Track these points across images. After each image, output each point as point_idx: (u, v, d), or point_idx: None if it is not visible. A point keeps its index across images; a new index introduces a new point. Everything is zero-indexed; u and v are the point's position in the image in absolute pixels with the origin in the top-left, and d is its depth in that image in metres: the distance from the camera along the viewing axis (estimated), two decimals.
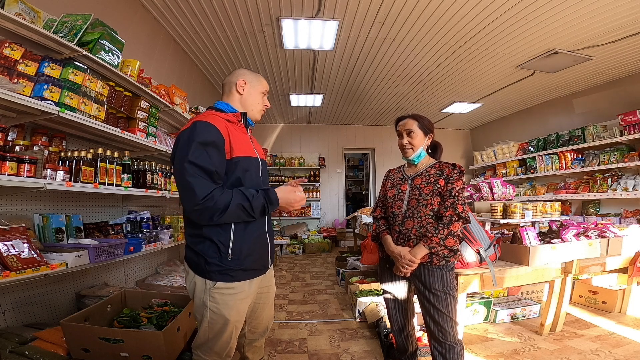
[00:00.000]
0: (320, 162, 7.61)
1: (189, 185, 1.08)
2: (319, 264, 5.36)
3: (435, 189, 1.59)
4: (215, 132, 1.15)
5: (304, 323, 2.73)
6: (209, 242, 1.18)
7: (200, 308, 1.22)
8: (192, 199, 1.08)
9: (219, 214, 1.10)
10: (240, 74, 1.37)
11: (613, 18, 3.15)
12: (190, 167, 1.09)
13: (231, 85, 1.35)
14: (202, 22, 3.38)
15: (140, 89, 2.28)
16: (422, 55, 4.09)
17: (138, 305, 2.01)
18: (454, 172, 1.62)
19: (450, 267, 1.61)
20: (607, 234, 2.58)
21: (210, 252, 1.18)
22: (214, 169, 1.12)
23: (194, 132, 1.13)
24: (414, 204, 1.62)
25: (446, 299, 1.56)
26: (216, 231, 1.17)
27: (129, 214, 2.60)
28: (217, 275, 1.18)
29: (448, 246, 1.54)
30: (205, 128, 1.15)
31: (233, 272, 1.20)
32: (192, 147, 1.11)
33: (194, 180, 1.08)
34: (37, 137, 1.78)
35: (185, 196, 1.10)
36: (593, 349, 2.15)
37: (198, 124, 1.16)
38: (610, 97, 4.80)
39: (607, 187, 4.39)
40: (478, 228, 2.05)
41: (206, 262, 1.17)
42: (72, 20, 1.76)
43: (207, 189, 1.09)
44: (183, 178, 1.09)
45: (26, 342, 1.53)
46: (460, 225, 1.58)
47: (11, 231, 1.51)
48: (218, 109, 1.32)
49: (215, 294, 1.18)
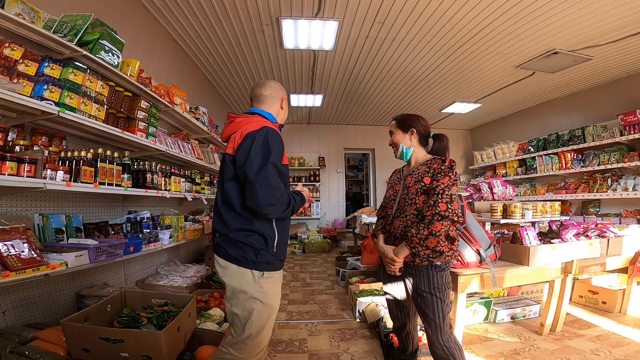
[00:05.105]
0: (320, 162, 7.61)
1: (272, 183, 1.23)
2: (319, 264, 5.36)
3: (420, 188, 1.56)
4: (281, 140, 1.36)
5: (304, 323, 2.73)
6: (258, 235, 1.30)
7: (247, 302, 1.29)
8: (273, 195, 1.23)
9: (284, 209, 1.28)
10: (281, 91, 1.55)
11: (613, 18, 3.15)
12: (272, 168, 1.26)
13: (275, 100, 1.52)
14: (202, 22, 3.38)
15: (140, 89, 2.28)
16: (422, 55, 4.09)
17: (138, 305, 2.01)
18: (441, 168, 1.54)
19: (438, 267, 1.52)
20: (607, 234, 2.58)
21: (260, 244, 1.30)
22: (284, 172, 1.34)
23: (271, 137, 1.30)
24: (402, 204, 1.62)
25: (432, 300, 1.51)
26: (265, 226, 1.32)
27: (129, 214, 2.60)
28: (265, 265, 1.31)
29: (430, 247, 1.47)
30: (277, 136, 1.34)
31: (275, 262, 1.36)
32: (273, 150, 1.28)
33: (275, 180, 1.25)
34: (37, 137, 1.78)
35: (266, 192, 1.22)
36: (593, 349, 2.15)
37: (270, 130, 1.32)
38: (610, 97, 4.80)
39: (607, 187, 4.39)
40: (478, 228, 2.04)
41: (257, 254, 1.29)
42: (72, 20, 1.76)
43: (281, 188, 1.27)
44: (266, 176, 1.23)
45: (26, 342, 1.53)
46: (443, 225, 1.46)
47: (11, 231, 1.50)
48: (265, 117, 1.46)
49: (263, 284, 1.30)
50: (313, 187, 7.50)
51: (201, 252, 4.10)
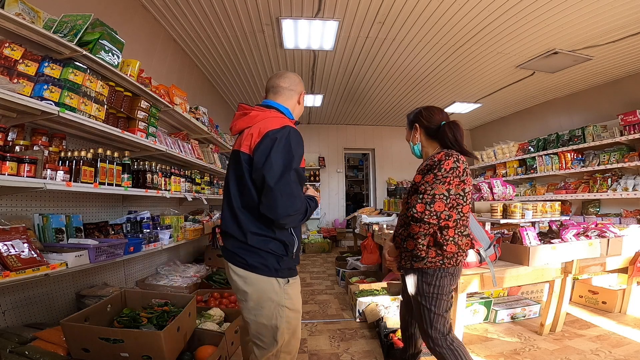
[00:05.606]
0: (320, 162, 7.61)
1: (294, 191, 1.14)
2: (319, 264, 5.35)
3: (412, 186, 1.49)
4: (302, 142, 1.24)
5: (304, 323, 2.73)
6: (278, 242, 1.23)
7: (274, 311, 1.21)
8: (294, 205, 1.14)
9: (301, 218, 1.21)
10: (299, 84, 1.40)
11: (613, 18, 3.15)
12: (294, 175, 1.16)
13: (293, 94, 1.38)
14: (202, 22, 3.38)
15: (140, 89, 2.28)
16: (422, 55, 4.09)
17: (138, 305, 2.01)
18: (431, 163, 1.41)
19: (424, 273, 1.41)
20: (607, 234, 2.58)
21: (281, 250, 1.23)
22: (305, 178, 1.27)
23: (293, 140, 1.19)
24: (404, 202, 1.59)
25: (417, 306, 1.45)
26: (284, 233, 1.24)
27: (129, 214, 2.60)
28: (288, 272, 1.26)
29: (408, 249, 1.41)
30: (299, 138, 1.23)
31: (295, 268, 1.32)
32: (296, 156, 1.17)
33: (297, 188, 1.16)
34: (37, 137, 1.77)
35: (287, 202, 1.12)
36: (593, 349, 2.15)
37: (292, 131, 1.21)
38: (610, 97, 4.80)
39: (607, 187, 4.39)
40: (478, 228, 2.04)
41: (280, 261, 1.23)
42: (72, 20, 1.76)
43: (302, 196, 1.20)
44: (288, 183, 1.13)
45: (26, 342, 1.53)
46: (421, 227, 1.35)
47: (11, 231, 1.50)
48: (282, 112, 1.32)
49: (289, 290, 1.25)
50: (313, 187, 7.48)
51: (201, 252, 4.09)
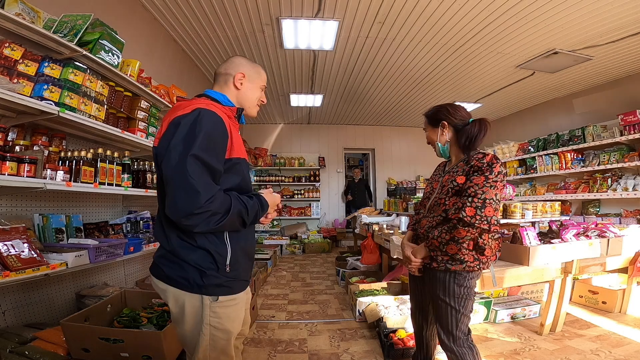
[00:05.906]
0: (320, 162, 7.61)
1: (193, 184, 0.89)
2: (319, 264, 5.35)
3: (452, 188, 1.40)
4: (222, 126, 0.99)
5: (304, 323, 2.73)
6: (203, 252, 1.00)
7: (196, 327, 1.03)
8: (194, 201, 0.89)
9: (218, 220, 0.94)
10: (239, 66, 1.19)
11: (613, 18, 3.15)
12: (195, 162, 0.90)
13: (227, 78, 1.18)
14: (202, 22, 3.38)
15: (140, 89, 2.28)
16: (422, 55, 4.09)
17: (138, 305, 2.01)
18: (478, 165, 1.34)
19: (458, 275, 1.37)
20: (607, 234, 2.58)
21: (206, 263, 1.00)
22: (219, 169, 0.98)
23: (200, 122, 0.95)
24: (433, 203, 1.49)
25: (446, 308, 1.40)
26: (211, 240, 1.01)
27: (129, 214, 2.60)
28: (217, 289, 1.02)
29: (449, 253, 1.35)
30: (212, 118, 0.98)
31: (232, 284, 1.06)
32: (198, 139, 0.92)
33: (199, 180, 0.90)
34: (37, 137, 1.78)
35: (185, 197, 0.89)
36: (593, 349, 2.15)
37: (203, 112, 0.97)
38: (610, 97, 4.80)
39: (607, 187, 4.39)
40: None
41: (203, 276, 0.99)
42: (72, 20, 1.76)
43: (212, 190, 0.92)
44: (184, 175, 0.89)
45: (26, 342, 1.53)
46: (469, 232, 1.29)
47: (11, 231, 1.50)
48: (213, 99, 1.12)
49: (217, 309, 1.03)
50: (313, 187, 7.50)
51: None
